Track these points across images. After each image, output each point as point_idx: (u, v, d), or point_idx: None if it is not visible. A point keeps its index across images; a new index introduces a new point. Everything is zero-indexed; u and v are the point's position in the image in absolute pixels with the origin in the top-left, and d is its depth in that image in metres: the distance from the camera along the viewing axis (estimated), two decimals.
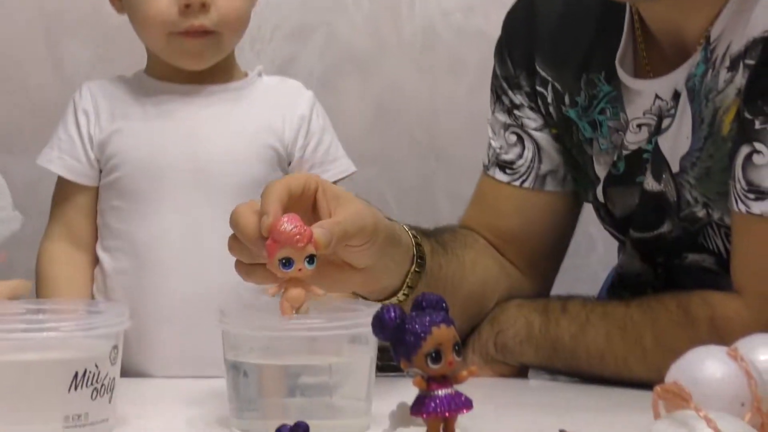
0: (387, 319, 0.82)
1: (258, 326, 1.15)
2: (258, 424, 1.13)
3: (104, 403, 1.13)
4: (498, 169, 1.51)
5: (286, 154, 1.50)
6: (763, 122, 1.27)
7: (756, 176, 1.27)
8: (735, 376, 1.05)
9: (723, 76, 1.31)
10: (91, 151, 1.51)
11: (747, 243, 1.30)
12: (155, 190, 1.48)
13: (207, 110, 1.50)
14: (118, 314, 1.15)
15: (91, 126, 1.51)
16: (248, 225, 1.11)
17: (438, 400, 0.81)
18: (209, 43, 1.48)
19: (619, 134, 1.42)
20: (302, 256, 1.07)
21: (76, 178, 1.51)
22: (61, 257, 1.51)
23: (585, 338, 1.35)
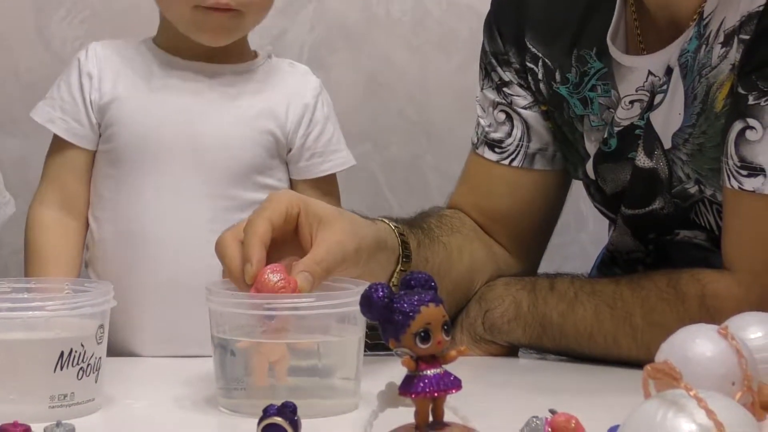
0: (375, 298, 0.81)
1: (246, 305, 1.14)
2: (245, 404, 1.12)
3: (90, 382, 1.12)
4: (487, 148, 1.50)
5: (287, 141, 1.48)
6: (756, 97, 1.26)
7: (749, 152, 1.27)
8: (725, 354, 1.05)
9: (717, 51, 1.30)
10: (93, 114, 1.48)
11: (738, 220, 1.30)
12: (150, 163, 1.46)
13: (211, 90, 1.48)
14: (104, 293, 1.14)
15: (94, 90, 1.49)
16: (233, 261, 1.14)
17: (427, 380, 0.80)
18: (232, 21, 1.46)
19: (610, 111, 1.41)
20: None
21: (77, 141, 1.49)
22: (53, 224, 1.48)
23: (573, 316, 1.35)
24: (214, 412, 1.14)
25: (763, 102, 1.26)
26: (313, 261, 1.14)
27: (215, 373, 1.15)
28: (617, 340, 1.33)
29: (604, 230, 1.60)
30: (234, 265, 1.13)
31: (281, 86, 1.51)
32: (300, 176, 1.49)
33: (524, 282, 1.41)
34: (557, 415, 0.84)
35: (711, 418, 0.89)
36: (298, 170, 1.49)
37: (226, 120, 1.47)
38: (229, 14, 1.45)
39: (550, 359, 1.41)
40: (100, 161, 1.49)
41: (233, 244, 1.15)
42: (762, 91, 1.26)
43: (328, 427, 1.09)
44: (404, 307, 0.80)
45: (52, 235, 1.49)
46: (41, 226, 1.49)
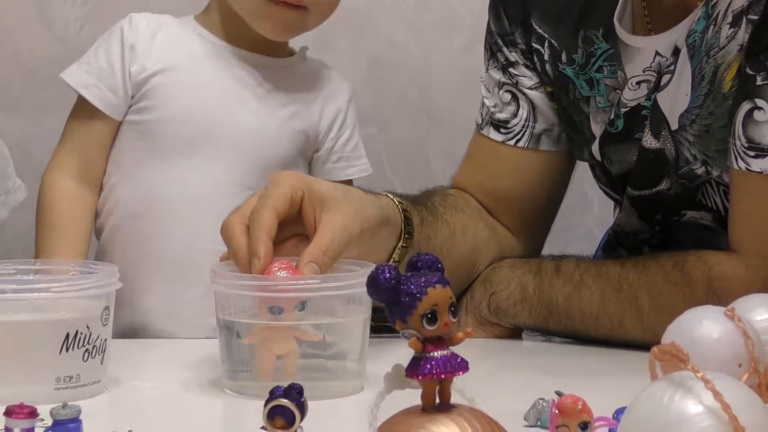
0: (382, 279, 0.80)
1: (252, 287, 1.14)
2: (251, 386, 1.12)
3: (96, 364, 1.12)
4: (492, 128, 1.50)
5: (316, 141, 1.49)
6: (765, 78, 1.26)
7: (756, 133, 1.26)
8: (732, 336, 1.05)
9: (725, 32, 1.29)
10: (129, 86, 1.48)
11: (745, 201, 1.29)
12: (182, 144, 1.46)
13: (252, 80, 1.49)
14: (110, 275, 1.14)
15: (135, 62, 1.48)
16: (241, 250, 1.13)
17: (433, 362, 0.80)
18: (298, 17, 1.46)
19: (617, 92, 1.41)
20: (292, 305, 1.08)
21: (108, 110, 1.48)
22: (69, 193, 1.48)
23: (579, 299, 1.35)
24: (219, 394, 1.14)
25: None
26: (318, 250, 1.14)
27: (221, 355, 1.15)
28: (623, 323, 1.32)
29: (609, 212, 1.60)
30: (241, 254, 1.13)
31: (318, 87, 1.52)
32: (323, 177, 1.49)
33: (529, 264, 1.40)
34: (564, 397, 0.84)
35: (718, 400, 0.89)
36: (322, 171, 1.51)
37: (264, 113, 1.48)
38: (297, 11, 1.45)
39: (555, 341, 1.41)
40: (126, 132, 1.49)
41: (240, 230, 1.14)
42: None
43: (334, 409, 1.09)
44: (411, 289, 0.79)
45: (68, 205, 1.48)
46: (58, 194, 1.48)
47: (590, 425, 0.83)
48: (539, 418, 1.01)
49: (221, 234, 1.17)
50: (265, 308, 1.09)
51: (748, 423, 0.89)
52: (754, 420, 0.90)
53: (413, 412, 0.81)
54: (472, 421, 0.79)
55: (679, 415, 0.89)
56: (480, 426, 0.79)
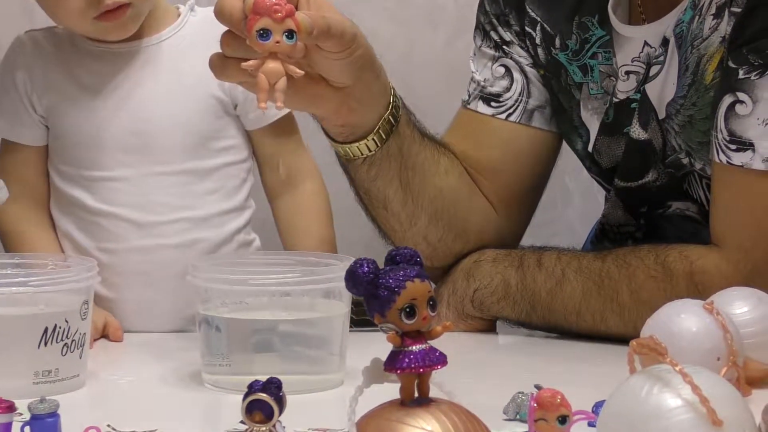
0: (360, 273, 0.80)
1: (231, 281, 1.14)
2: (230, 379, 1.12)
3: (75, 358, 1.12)
4: (481, 102, 1.47)
5: (230, 97, 1.46)
6: (747, 72, 1.26)
7: (738, 126, 1.26)
8: (711, 329, 1.05)
9: (708, 23, 1.30)
10: (34, 113, 1.47)
11: (727, 194, 1.29)
12: (100, 159, 1.44)
13: (141, 70, 1.45)
14: (88, 269, 1.14)
15: (28, 86, 1.46)
16: (233, 6, 1.10)
17: (412, 356, 0.80)
18: (129, 14, 1.43)
19: (611, 79, 1.40)
20: (281, 29, 1.06)
21: (26, 141, 1.47)
22: (25, 215, 1.47)
23: (562, 294, 1.35)
24: (198, 387, 1.14)
25: (753, 76, 1.25)
26: (316, 13, 1.11)
27: (200, 349, 1.15)
28: (605, 317, 1.32)
29: (591, 206, 1.60)
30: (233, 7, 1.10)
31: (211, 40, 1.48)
32: (255, 126, 1.48)
33: (511, 258, 1.40)
34: (543, 390, 0.84)
35: (696, 393, 0.89)
36: (250, 121, 1.48)
37: (163, 96, 1.44)
38: (123, 10, 1.42)
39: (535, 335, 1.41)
40: (51, 156, 1.48)
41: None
42: (752, 65, 1.25)
43: (313, 403, 1.09)
44: (389, 283, 0.79)
45: (31, 226, 1.47)
46: (17, 218, 1.47)
47: (569, 419, 0.83)
48: (518, 412, 1.01)
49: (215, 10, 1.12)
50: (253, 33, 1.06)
51: (726, 416, 0.89)
52: (732, 413, 0.90)
53: (392, 406, 0.81)
54: (451, 415, 0.79)
55: (658, 409, 0.90)
56: (458, 420, 0.79)
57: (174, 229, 1.43)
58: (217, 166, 1.45)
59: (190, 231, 1.43)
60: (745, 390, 1.04)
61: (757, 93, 1.25)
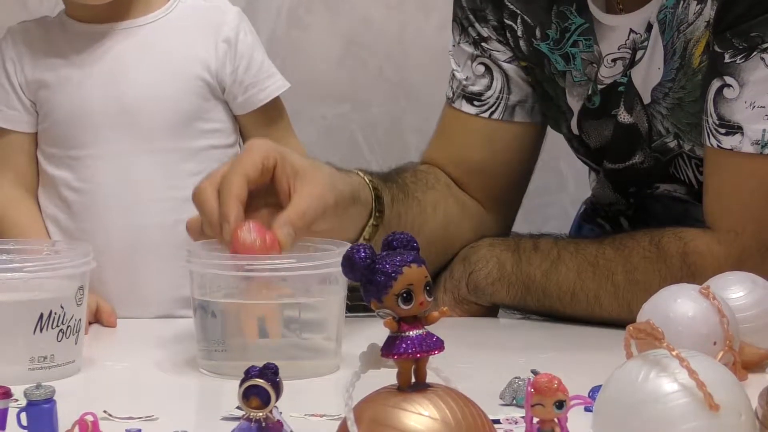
0: (357, 258, 0.80)
1: (227, 266, 1.14)
2: (226, 365, 1.12)
3: (70, 344, 1.12)
4: (465, 101, 1.49)
5: (217, 81, 1.46)
6: (732, 55, 1.26)
7: (726, 110, 1.27)
8: (707, 314, 1.05)
9: (693, 8, 1.30)
10: (24, 97, 1.47)
11: (718, 178, 1.30)
12: (86, 136, 1.44)
13: (129, 49, 1.45)
14: (83, 254, 1.14)
15: (19, 74, 1.47)
16: (213, 216, 1.13)
17: (409, 341, 0.80)
18: None
19: (593, 66, 1.41)
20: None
21: (16, 127, 1.48)
22: (14, 202, 1.47)
23: (557, 275, 1.35)
24: (194, 373, 1.14)
25: (739, 60, 1.26)
26: (295, 215, 1.14)
27: (196, 335, 1.15)
28: (599, 298, 1.33)
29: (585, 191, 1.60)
30: (213, 219, 1.13)
31: (198, 25, 1.48)
32: (243, 111, 1.48)
33: (508, 242, 1.40)
34: (540, 375, 0.84)
35: (693, 378, 0.89)
36: (238, 106, 1.48)
37: (150, 75, 1.45)
38: None
39: (531, 319, 1.41)
40: (40, 140, 1.48)
41: (212, 195, 1.14)
42: (737, 49, 1.26)
43: (309, 389, 1.09)
44: (386, 268, 0.79)
45: (23, 212, 1.47)
46: (9, 204, 1.47)
47: (566, 403, 0.83)
48: (515, 397, 1.01)
49: (193, 199, 1.16)
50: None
51: (722, 401, 0.89)
52: (729, 398, 0.90)
53: (389, 391, 0.81)
54: (448, 400, 0.79)
55: (654, 393, 0.90)
56: (455, 405, 0.79)
57: (156, 209, 1.43)
58: (202, 147, 1.46)
59: (172, 211, 1.43)
60: (741, 374, 1.04)
61: (743, 76, 1.26)
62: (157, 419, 0.98)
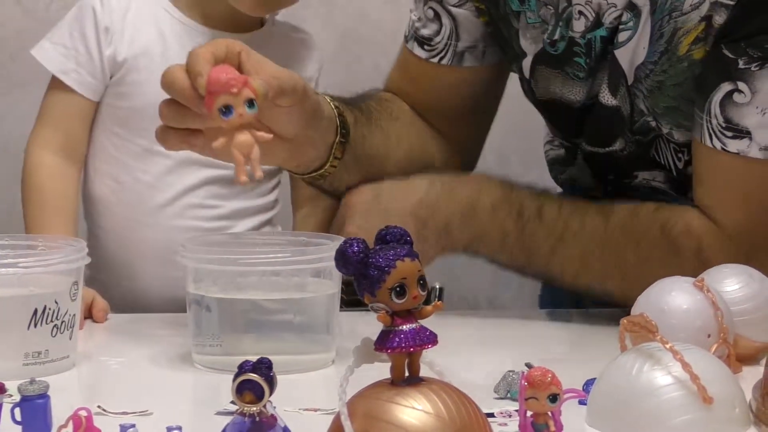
0: (350, 253, 0.80)
1: (221, 261, 1.14)
2: (221, 360, 1.12)
3: (65, 340, 1.11)
4: (416, 44, 1.49)
5: None
6: (746, 62, 1.27)
7: (735, 114, 1.27)
8: (701, 307, 1.06)
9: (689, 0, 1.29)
10: (107, 70, 1.48)
11: (723, 179, 1.30)
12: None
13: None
14: (78, 250, 1.14)
15: (110, 45, 1.48)
16: (184, 83, 1.11)
17: (402, 336, 0.80)
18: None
19: (548, 8, 1.39)
20: (240, 101, 1.06)
21: (88, 94, 1.49)
22: (55, 169, 1.48)
23: (562, 253, 1.32)
24: (189, 368, 1.14)
25: (753, 67, 1.26)
26: (268, 75, 1.13)
27: (190, 329, 1.15)
28: (605, 284, 1.31)
29: None
30: (185, 85, 1.11)
31: (288, 56, 1.51)
32: None
33: (510, 205, 1.36)
34: (533, 369, 0.84)
35: (687, 371, 0.89)
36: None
37: None
38: None
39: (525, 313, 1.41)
40: (105, 114, 1.50)
41: (181, 73, 1.12)
42: (752, 57, 1.26)
43: (303, 383, 1.09)
44: (379, 262, 0.79)
45: (55, 182, 1.48)
46: (44, 171, 1.48)
47: (559, 397, 0.83)
48: (509, 390, 1.01)
49: (163, 83, 1.13)
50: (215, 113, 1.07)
51: (716, 394, 0.89)
52: (723, 391, 0.90)
53: (382, 385, 0.81)
54: (441, 394, 0.79)
55: (648, 387, 0.90)
56: (449, 399, 0.79)
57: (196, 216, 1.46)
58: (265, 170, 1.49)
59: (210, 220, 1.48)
60: (735, 367, 1.04)
61: (756, 84, 1.26)
62: (152, 414, 0.98)
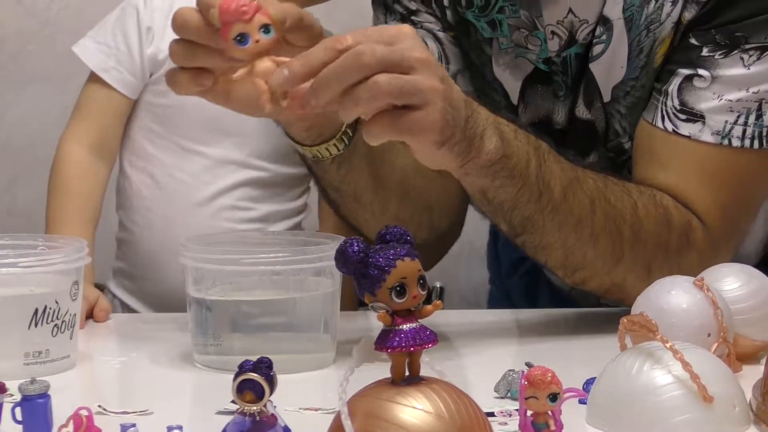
0: (350, 252, 0.80)
1: (221, 261, 1.14)
2: (221, 360, 1.12)
3: (65, 339, 1.12)
4: None
5: None
6: (711, 50, 1.28)
7: (691, 97, 1.28)
8: (701, 306, 1.06)
9: (666, 9, 1.31)
10: (147, 68, 1.50)
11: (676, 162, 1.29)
12: (200, 131, 1.50)
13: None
14: (78, 250, 1.14)
15: (152, 45, 1.49)
16: (196, 20, 1.08)
17: (402, 335, 0.80)
18: None
19: (521, 32, 1.39)
20: (255, 28, 1.05)
21: (127, 92, 1.50)
22: (84, 164, 1.49)
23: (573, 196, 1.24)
24: (189, 368, 1.14)
25: (717, 55, 1.28)
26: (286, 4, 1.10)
27: (191, 329, 1.15)
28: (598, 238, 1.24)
29: None
30: (197, 21, 1.08)
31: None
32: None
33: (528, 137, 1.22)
34: (533, 368, 0.84)
35: (687, 370, 0.89)
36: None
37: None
38: None
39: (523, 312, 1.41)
40: (143, 111, 1.51)
41: (191, 11, 1.09)
42: (718, 45, 1.28)
43: (304, 383, 1.09)
44: (379, 262, 0.79)
45: (82, 175, 1.50)
46: (73, 163, 1.49)
47: (559, 396, 0.83)
48: (509, 390, 1.02)
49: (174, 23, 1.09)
50: (231, 43, 1.05)
51: (716, 393, 0.90)
52: (723, 390, 0.90)
53: (383, 385, 0.81)
54: (442, 393, 0.79)
55: (649, 386, 0.90)
56: (449, 398, 0.79)
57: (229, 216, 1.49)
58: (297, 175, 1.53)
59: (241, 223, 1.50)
60: (735, 366, 1.04)
61: (718, 71, 1.28)
62: (152, 414, 0.98)
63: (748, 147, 1.28)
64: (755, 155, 1.29)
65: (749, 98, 1.28)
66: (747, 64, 1.27)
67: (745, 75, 1.27)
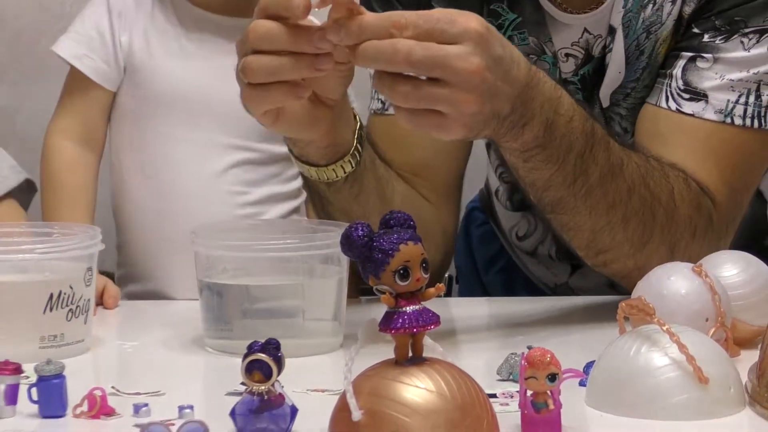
0: (355, 237, 0.82)
1: (231, 247, 1.16)
2: (231, 344, 1.14)
3: (79, 324, 1.14)
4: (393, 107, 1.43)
5: None
6: (712, 36, 1.30)
7: (695, 77, 1.31)
8: (699, 291, 1.07)
9: (666, 9, 1.33)
10: (121, 57, 1.49)
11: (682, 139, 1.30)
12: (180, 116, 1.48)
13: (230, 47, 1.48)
14: (92, 236, 1.16)
15: (124, 31, 1.49)
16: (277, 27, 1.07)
17: (406, 317, 0.82)
18: None
19: (531, 58, 1.38)
20: None
21: (103, 82, 1.49)
22: (74, 157, 1.50)
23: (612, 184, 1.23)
24: (201, 352, 1.16)
25: (718, 40, 1.30)
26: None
27: (202, 315, 1.17)
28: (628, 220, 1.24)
29: None
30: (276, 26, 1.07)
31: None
32: None
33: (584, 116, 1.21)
34: (533, 349, 0.86)
35: (683, 352, 0.91)
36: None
37: None
38: None
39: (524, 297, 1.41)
40: (124, 103, 1.50)
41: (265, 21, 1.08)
42: (719, 30, 1.30)
43: (311, 366, 1.11)
44: (383, 245, 0.81)
45: (73, 170, 1.49)
46: (62, 159, 1.49)
47: (558, 376, 0.85)
48: (511, 372, 1.03)
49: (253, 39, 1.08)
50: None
51: (712, 374, 0.91)
52: (718, 371, 0.92)
53: (387, 365, 0.83)
54: (444, 373, 0.81)
55: (646, 367, 0.92)
56: (451, 378, 0.81)
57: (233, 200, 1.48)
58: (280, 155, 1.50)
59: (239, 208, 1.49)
60: (733, 351, 1.06)
61: (719, 54, 1.30)
62: (164, 395, 1.00)
63: (749, 126, 1.31)
64: (755, 134, 1.31)
65: (749, 78, 1.30)
66: (747, 47, 1.30)
67: (746, 57, 1.30)
